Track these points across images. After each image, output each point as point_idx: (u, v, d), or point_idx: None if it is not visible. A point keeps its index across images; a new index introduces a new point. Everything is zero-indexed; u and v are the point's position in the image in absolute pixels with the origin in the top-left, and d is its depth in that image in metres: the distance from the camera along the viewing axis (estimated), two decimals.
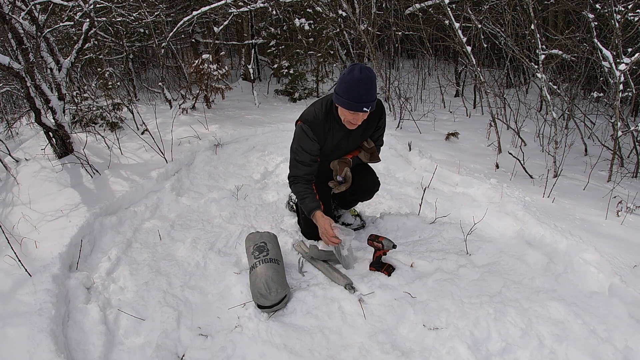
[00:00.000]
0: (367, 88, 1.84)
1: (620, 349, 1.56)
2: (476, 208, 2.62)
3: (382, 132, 2.33)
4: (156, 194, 3.05)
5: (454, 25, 3.54)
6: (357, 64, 1.87)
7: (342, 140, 2.16)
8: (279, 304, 1.85)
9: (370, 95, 1.86)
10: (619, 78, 2.90)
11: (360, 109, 1.87)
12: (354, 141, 2.23)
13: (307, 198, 2.12)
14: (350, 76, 1.83)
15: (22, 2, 3.66)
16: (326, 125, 2.07)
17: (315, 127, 2.06)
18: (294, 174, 2.17)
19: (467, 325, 1.69)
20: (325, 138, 2.11)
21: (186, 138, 4.12)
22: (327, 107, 2.07)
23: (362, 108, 1.86)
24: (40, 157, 3.77)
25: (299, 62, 6.11)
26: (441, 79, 6.01)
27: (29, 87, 3.31)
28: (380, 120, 2.22)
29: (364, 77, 1.82)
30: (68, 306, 1.93)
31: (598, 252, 2.00)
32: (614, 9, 2.98)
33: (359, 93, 1.84)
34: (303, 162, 2.12)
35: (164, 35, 6.22)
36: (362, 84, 1.82)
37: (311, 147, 2.09)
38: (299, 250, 2.30)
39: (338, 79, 1.91)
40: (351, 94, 1.85)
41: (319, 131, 2.07)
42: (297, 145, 2.11)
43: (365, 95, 1.85)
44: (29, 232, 2.47)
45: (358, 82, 1.82)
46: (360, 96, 1.84)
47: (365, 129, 2.18)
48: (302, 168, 2.13)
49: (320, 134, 2.08)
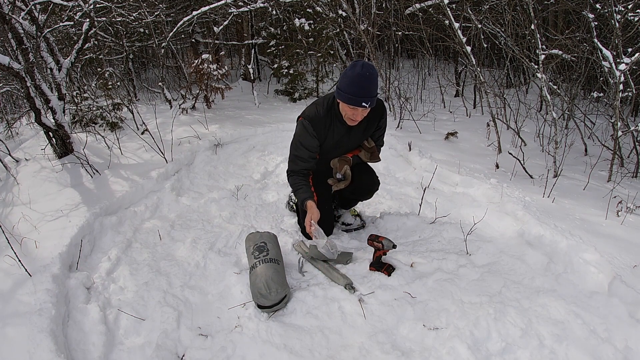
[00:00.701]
0: (367, 83, 1.87)
1: (620, 349, 1.56)
2: (476, 208, 2.62)
3: (383, 132, 2.33)
4: (156, 194, 3.05)
5: (453, 25, 3.54)
6: (360, 60, 1.90)
7: (342, 137, 2.17)
8: (279, 304, 1.85)
9: (370, 91, 1.89)
10: (619, 78, 2.90)
11: (359, 104, 1.89)
12: (355, 139, 2.23)
13: (301, 189, 2.16)
14: (352, 71, 1.87)
15: (22, 2, 3.66)
16: (327, 121, 2.09)
17: (316, 124, 2.08)
18: (292, 168, 2.21)
19: (467, 325, 1.69)
20: (325, 135, 2.12)
21: (186, 138, 4.12)
22: (329, 103, 2.10)
23: (362, 103, 1.89)
24: (40, 157, 3.77)
25: (299, 62, 6.11)
26: (441, 79, 6.01)
27: (29, 87, 3.31)
28: (381, 120, 2.23)
29: (365, 73, 1.85)
30: (68, 306, 1.93)
31: (598, 252, 1.99)
32: (614, 9, 2.98)
33: (359, 88, 1.86)
34: (301, 157, 2.15)
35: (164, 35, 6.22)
36: (363, 79, 1.85)
37: (311, 143, 2.11)
38: (299, 250, 2.30)
39: (340, 75, 1.93)
40: (351, 89, 1.88)
41: (320, 127, 2.09)
42: (297, 140, 2.14)
43: (365, 90, 1.87)
44: (29, 232, 2.47)
45: (359, 77, 1.85)
46: (360, 91, 1.87)
47: (366, 127, 2.19)
48: (300, 164, 2.16)
49: (320, 131, 2.10)
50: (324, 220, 2.41)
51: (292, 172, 2.22)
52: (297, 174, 2.20)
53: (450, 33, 4.13)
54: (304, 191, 2.14)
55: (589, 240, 2.12)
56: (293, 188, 2.21)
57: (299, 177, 2.19)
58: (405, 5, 5.62)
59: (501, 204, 2.62)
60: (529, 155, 3.43)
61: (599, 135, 4.06)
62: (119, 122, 4.65)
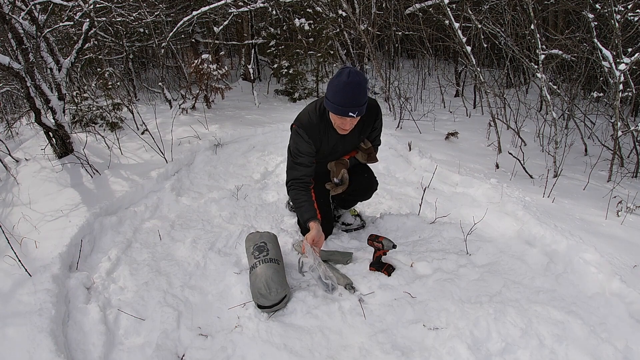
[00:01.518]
0: (354, 92, 1.78)
1: (620, 349, 1.56)
2: (476, 208, 2.62)
3: (379, 133, 2.30)
4: (156, 194, 3.05)
5: (453, 25, 3.54)
6: (347, 67, 1.83)
7: (337, 143, 2.13)
8: (279, 304, 1.85)
9: (357, 100, 1.81)
10: (619, 78, 2.90)
11: (346, 114, 1.82)
12: (351, 143, 2.20)
13: (304, 206, 2.06)
14: (338, 80, 1.79)
15: (22, 2, 3.66)
16: (321, 128, 2.04)
17: (310, 131, 2.03)
18: (292, 177, 2.12)
19: (467, 325, 1.69)
20: (320, 141, 2.08)
21: (186, 138, 4.12)
22: (320, 110, 2.04)
23: (348, 113, 1.81)
24: (40, 157, 3.77)
25: (299, 62, 6.11)
26: (441, 79, 6.01)
27: (29, 87, 3.31)
28: (376, 121, 2.18)
29: (351, 81, 1.77)
30: (68, 306, 1.93)
31: (598, 252, 1.99)
32: (614, 9, 2.98)
33: (345, 97, 1.79)
34: (301, 163, 2.09)
35: (164, 35, 6.22)
36: (348, 88, 1.77)
37: (308, 149, 2.06)
38: (299, 250, 2.30)
39: (328, 83, 1.86)
40: (337, 98, 1.80)
41: (314, 134, 2.04)
42: (294, 148, 2.08)
43: (352, 100, 1.79)
44: (29, 232, 2.47)
45: (345, 86, 1.77)
46: (346, 100, 1.79)
47: (362, 129, 2.16)
48: (301, 169, 2.10)
49: (315, 138, 2.05)
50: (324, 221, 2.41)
51: (293, 182, 2.11)
52: (298, 186, 2.09)
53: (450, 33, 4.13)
54: (306, 209, 2.04)
55: (589, 241, 2.12)
56: (295, 204, 2.11)
57: (300, 192, 2.08)
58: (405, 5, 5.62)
59: (501, 204, 2.62)
60: (529, 155, 3.43)
61: (599, 135, 4.06)
62: (119, 122, 4.65)
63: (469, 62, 3.70)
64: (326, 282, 1.89)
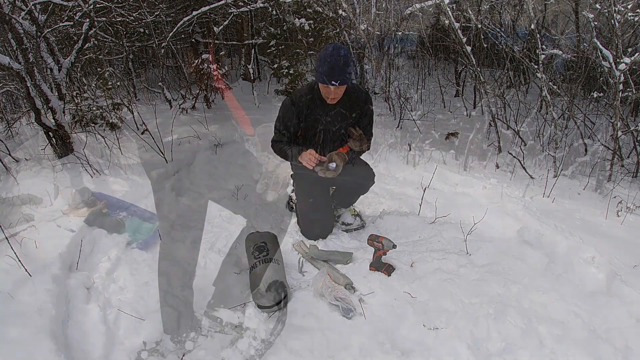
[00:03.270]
0: (337, 62, 1.97)
1: (620, 349, 1.56)
2: (476, 208, 2.62)
3: (370, 122, 2.39)
4: (156, 194, 3.05)
5: (453, 25, 3.54)
6: (334, 43, 2.06)
7: (321, 115, 2.24)
8: (279, 304, 1.85)
9: (340, 70, 1.98)
10: (619, 78, 2.90)
11: (329, 82, 2.01)
12: (335, 120, 2.28)
13: (287, 147, 2.26)
14: (324, 53, 2.01)
15: (22, 2, 3.66)
16: (308, 97, 2.22)
17: (296, 98, 2.22)
18: (275, 139, 2.34)
19: (467, 325, 1.69)
20: (307, 108, 2.23)
21: (186, 138, 4.12)
22: (312, 83, 2.25)
23: (331, 81, 2.00)
24: (40, 157, 3.77)
25: (299, 62, 6.10)
26: (441, 79, 6.01)
27: (29, 87, 3.31)
28: (365, 106, 2.30)
29: (334, 53, 1.97)
30: (68, 306, 1.92)
31: (598, 252, 1.99)
32: (614, 9, 2.98)
33: (328, 67, 1.98)
34: (284, 128, 2.27)
35: (164, 35, 6.21)
36: (332, 59, 1.97)
37: (289, 115, 2.23)
38: (299, 250, 2.30)
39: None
40: (321, 68, 2.01)
41: (300, 101, 2.21)
42: (280, 113, 2.29)
43: (335, 70, 1.98)
44: (29, 232, 2.47)
45: (328, 57, 1.98)
46: (329, 70, 1.98)
47: (349, 107, 2.26)
48: (284, 133, 2.28)
49: (301, 104, 2.21)
50: (324, 221, 2.42)
51: (275, 142, 2.34)
52: (280, 141, 2.31)
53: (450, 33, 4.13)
54: (289, 147, 2.24)
55: (589, 241, 2.12)
56: (280, 154, 2.32)
57: (282, 143, 2.30)
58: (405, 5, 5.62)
59: (501, 204, 2.62)
60: (529, 155, 3.43)
61: (599, 135, 4.06)
62: (118, 122, 4.65)
63: (469, 62, 3.70)
64: (336, 304, 1.83)
